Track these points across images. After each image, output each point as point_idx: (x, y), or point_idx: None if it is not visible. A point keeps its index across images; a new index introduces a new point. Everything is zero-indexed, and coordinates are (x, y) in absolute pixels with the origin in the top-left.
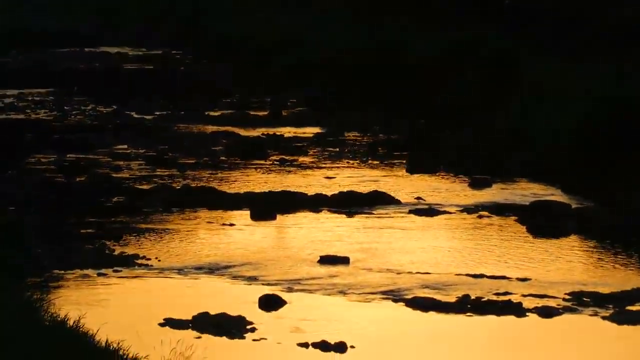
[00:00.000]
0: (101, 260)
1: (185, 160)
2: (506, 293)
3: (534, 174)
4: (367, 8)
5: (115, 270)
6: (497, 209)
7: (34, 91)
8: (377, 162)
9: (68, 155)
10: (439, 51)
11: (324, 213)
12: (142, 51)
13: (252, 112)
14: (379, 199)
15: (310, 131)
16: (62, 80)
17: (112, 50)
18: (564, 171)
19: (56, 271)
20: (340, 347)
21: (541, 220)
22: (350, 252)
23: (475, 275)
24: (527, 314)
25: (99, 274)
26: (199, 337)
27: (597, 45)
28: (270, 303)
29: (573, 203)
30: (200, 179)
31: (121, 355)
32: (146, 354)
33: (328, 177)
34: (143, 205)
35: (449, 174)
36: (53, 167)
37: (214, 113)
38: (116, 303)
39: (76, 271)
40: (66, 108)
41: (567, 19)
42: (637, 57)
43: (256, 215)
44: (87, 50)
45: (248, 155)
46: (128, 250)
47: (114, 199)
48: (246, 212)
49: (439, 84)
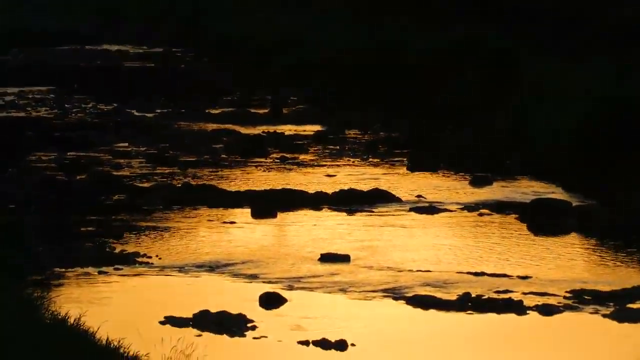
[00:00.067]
0: (102, 258)
1: (185, 158)
2: (507, 291)
3: (535, 173)
4: (367, 8)
5: (116, 268)
6: (498, 207)
7: (35, 89)
8: (378, 160)
9: (68, 153)
10: (439, 51)
11: (325, 211)
12: (143, 49)
13: (253, 110)
14: (380, 197)
15: (310, 129)
16: (63, 78)
17: (113, 48)
18: (565, 170)
19: (57, 269)
20: (340, 345)
21: (542, 218)
22: (350, 250)
23: (475, 273)
24: (528, 312)
25: (100, 272)
26: (200, 335)
27: (597, 45)
28: (270, 301)
29: (574, 201)
30: (200, 177)
31: (122, 353)
32: (147, 352)
33: (329, 175)
34: (144, 203)
35: (450, 172)
36: (53, 165)
37: (215, 111)
38: (117, 301)
39: (77, 269)
40: (67, 106)
41: (567, 19)
42: (637, 57)
43: (257, 213)
44: (88, 48)
45: (249, 153)
46: (129, 248)
47: (115, 197)
48: (247, 210)
49: (439, 84)
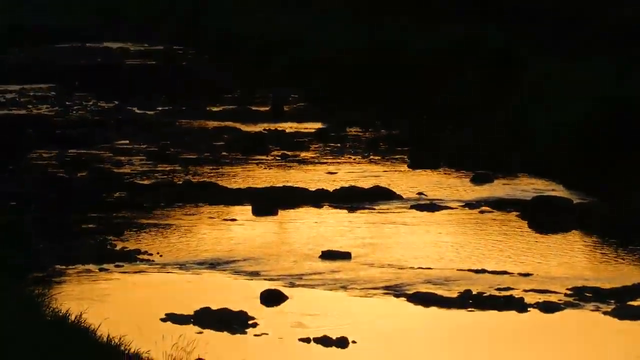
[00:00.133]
0: (103, 255)
1: (186, 155)
2: (508, 288)
3: (536, 170)
4: (367, 8)
5: (117, 265)
6: (499, 205)
7: (36, 87)
8: (379, 158)
9: (69, 150)
10: (439, 51)
11: (326, 208)
12: (144, 47)
13: (254, 108)
14: (381, 195)
15: (311, 127)
16: (64, 75)
17: (114, 45)
18: (565, 168)
19: (58, 266)
20: (341, 342)
21: (543, 215)
22: (351, 248)
23: (476, 270)
24: (529, 309)
25: (101, 269)
26: (201, 332)
27: (597, 45)
28: (272, 298)
29: (574, 198)
30: (201, 175)
31: (123, 350)
32: (148, 349)
33: (330, 173)
34: (145, 200)
35: (451, 170)
36: (54, 163)
37: (216, 109)
38: (118, 298)
39: (78, 266)
40: (68, 104)
41: (567, 19)
42: (637, 57)
43: (258, 210)
44: (89, 45)
45: (249, 150)
46: (130, 245)
47: (116, 195)
48: (248, 208)
49: (439, 84)
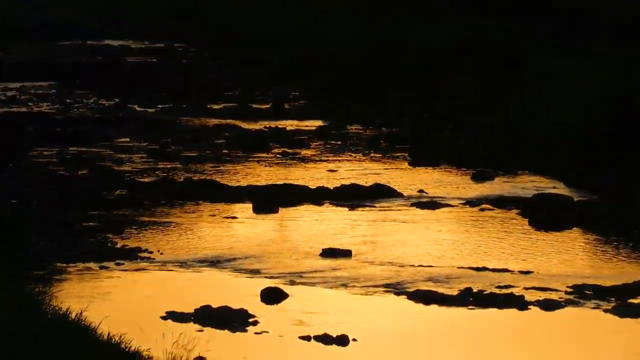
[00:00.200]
0: (103, 253)
1: (187, 153)
2: (508, 286)
3: (536, 168)
4: (367, 5)
5: (117, 263)
6: (499, 202)
7: (36, 84)
8: (380, 155)
9: (70, 148)
10: (440, 47)
11: (327, 206)
12: (145, 44)
13: (254, 106)
14: (382, 192)
15: (312, 124)
16: (65, 73)
17: (115, 43)
18: (566, 165)
19: (58, 264)
20: (342, 340)
21: (543, 213)
22: (352, 245)
23: (477, 268)
24: (529, 307)
25: (101, 267)
26: (201, 330)
27: (599, 41)
28: (272, 296)
29: (575, 196)
30: (202, 172)
31: (123, 348)
32: (148, 347)
33: (330, 170)
34: (145, 198)
35: (451, 167)
36: (55, 161)
37: (216, 106)
38: (118, 296)
39: (78, 264)
40: (68, 101)
41: (570, 16)
42: (638, 55)
43: (258, 208)
44: (90, 43)
45: (250, 148)
46: (130, 243)
47: (116, 192)
48: (248, 205)
49: (440, 81)
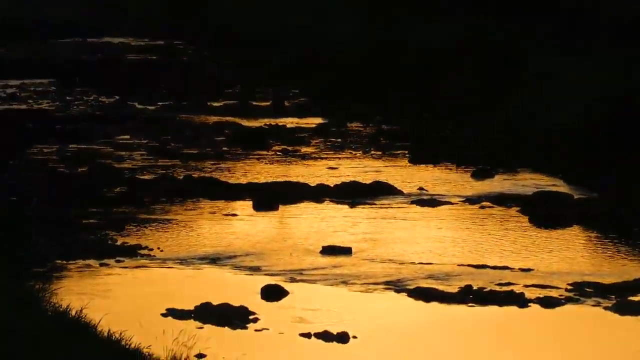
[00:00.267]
0: (103, 250)
1: (187, 150)
2: (508, 283)
3: (536, 166)
4: (367, 4)
5: (117, 260)
6: (499, 200)
7: (36, 82)
8: (380, 153)
9: (70, 145)
10: (440, 48)
11: (327, 203)
12: (145, 42)
13: (254, 103)
14: (382, 190)
15: (312, 122)
16: (65, 70)
17: (115, 40)
18: (566, 165)
19: (58, 262)
20: (342, 338)
21: (543, 210)
22: (352, 243)
23: (477, 265)
24: (529, 305)
25: (102, 264)
26: (201, 328)
27: (600, 41)
28: (272, 293)
29: (575, 194)
30: (202, 170)
31: (123, 345)
32: (148, 344)
33: (330, 168)
34: (145, 195)
35: (451, 165)
36: (55, 158)
37: (216, 104)
38: (118, 293)
39: (78, 261)
40: (68, 99)
41: (570, 16)
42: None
43: (258, 205)
44: (90, 40)
45: (250, 145)
46: (130, 240)
47: (116, 190)
48: (248, 203)
49: (440, 81)
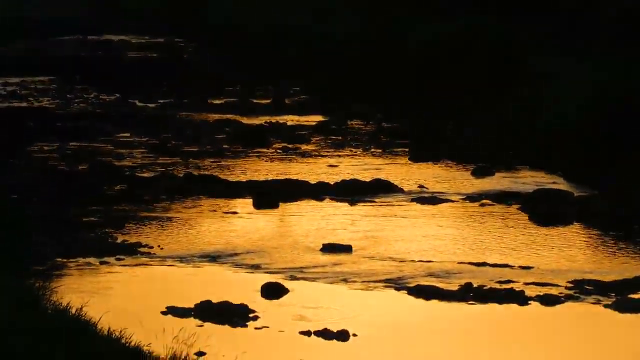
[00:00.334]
0: (103, 248)
1: (187, 148)
2: (508, 281)
3: (536, 163)
4: (367, 4)
5: (117, 258)
6: (500, 197)
7: (37, 79)
8: (380, 151)
9: (70, 143)
10: (440, 44)
11: (327, 201)
12: (145, 39)
13: (255, 101)
14: (382, 187)
15: (313, 119)
16: (65, 68)
17: (115, 38)
18: (566, 165)
19: (58, 260)
20: (342, 335)
21: (543, 208)
22: (352, 241)
23: (477, 263)
24: (529, 302)
25: (102, 263)
26: (202, 326)
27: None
28: (272, 291)
29: (575, 191)
30: (202, 167)
31: (124, 343)
32: (148, 342)
33: (331, 166)
34: (145, 193)
35: (452, 163)
36: (55, 156)
37: (217, 101)
38: (119, 291)
39: (78, 259)
40: (69, 96)
41: (570, 16)
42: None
43: (259, 203)
44: (90, 38)
45: (251, 143)
46: (130, 238)
47: (117, 187)
48: (249, 201)
49: (440, 77)
